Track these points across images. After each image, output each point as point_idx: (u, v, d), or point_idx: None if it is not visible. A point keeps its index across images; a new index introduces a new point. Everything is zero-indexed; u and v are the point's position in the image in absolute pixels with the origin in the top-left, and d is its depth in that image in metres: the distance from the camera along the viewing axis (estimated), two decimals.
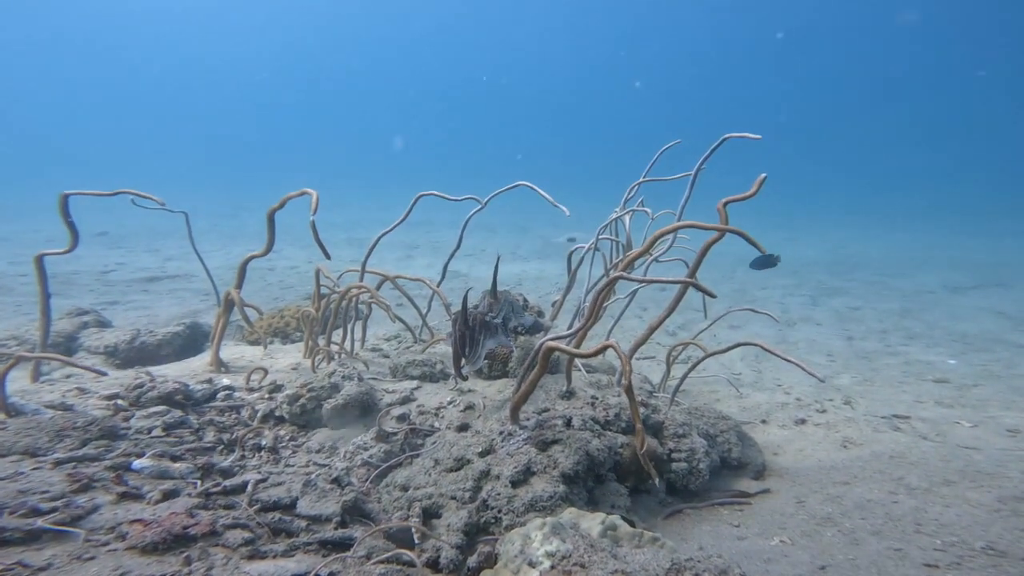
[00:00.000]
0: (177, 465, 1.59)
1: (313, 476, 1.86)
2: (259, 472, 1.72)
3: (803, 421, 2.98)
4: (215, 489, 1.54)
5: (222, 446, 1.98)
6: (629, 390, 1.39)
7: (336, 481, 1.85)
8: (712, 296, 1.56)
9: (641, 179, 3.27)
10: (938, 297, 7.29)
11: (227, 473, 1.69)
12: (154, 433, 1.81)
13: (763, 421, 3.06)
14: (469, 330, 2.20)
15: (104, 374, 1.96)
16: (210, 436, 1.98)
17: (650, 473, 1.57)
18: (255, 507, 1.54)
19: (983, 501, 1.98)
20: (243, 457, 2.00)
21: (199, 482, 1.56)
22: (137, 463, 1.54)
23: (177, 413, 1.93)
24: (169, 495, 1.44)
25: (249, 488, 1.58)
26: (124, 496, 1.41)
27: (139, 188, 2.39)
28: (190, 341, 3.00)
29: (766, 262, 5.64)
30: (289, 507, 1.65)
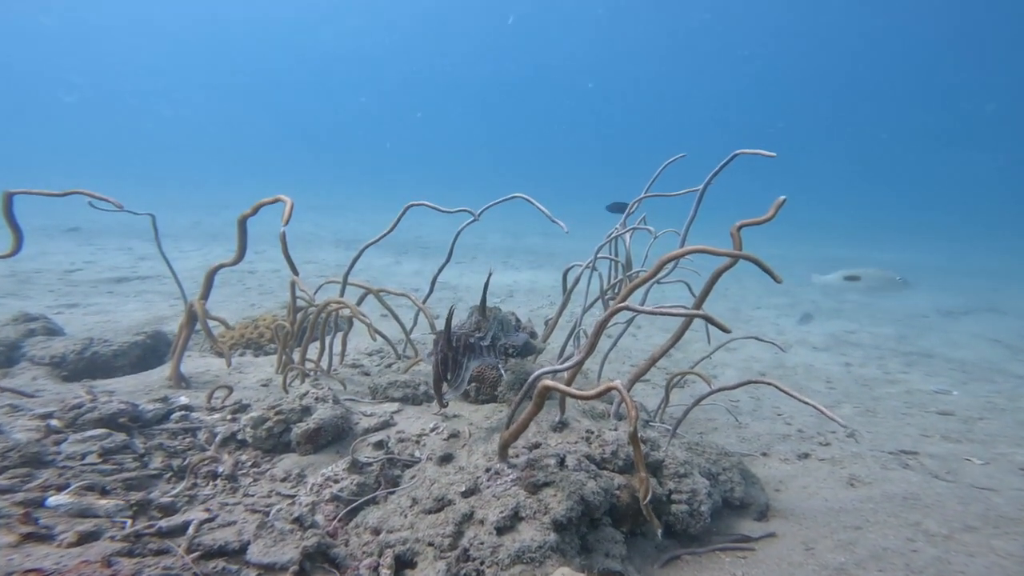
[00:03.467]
0: (104, 502, 1.36)
1: (271, 515, 1.65)
2: (207, 510, 1.50)
3: (806, 455, 2.81)
4: (148, 530, 1.32)
5: (171, 474, 1.76)
6: (634, 438, 1.21)
7: (298, 521, 1.63)
8: (727, 331, 1.39)
9: (643, 195, 3.12)
10: (932, 322, 7.24)
11: (168, 510, 1.47)
12: (88, 460, 1.59)
13: (763, 454, 2.89)
14: (452, 351, 2.00)
15: (27, 395, 1.73)
16: (157, 463, 1.76)
17: (654, 525, 1.38)
18: (195, 553, 1.32)
19: (1011, 551, 1.83)
20: (195, 486, 1.78)
21: (129, 521, 1.34)
22: (53, 499, 1.32)
23: (120, 437, 1.71)
24: (86, 538, 1.22)
25: (190, 530, 1.37)
26: (29, 537, 1.18)
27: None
28: (151, 351, 2.76)
29: (619, 208, 6.23)
30: (238, 552, 1.43)
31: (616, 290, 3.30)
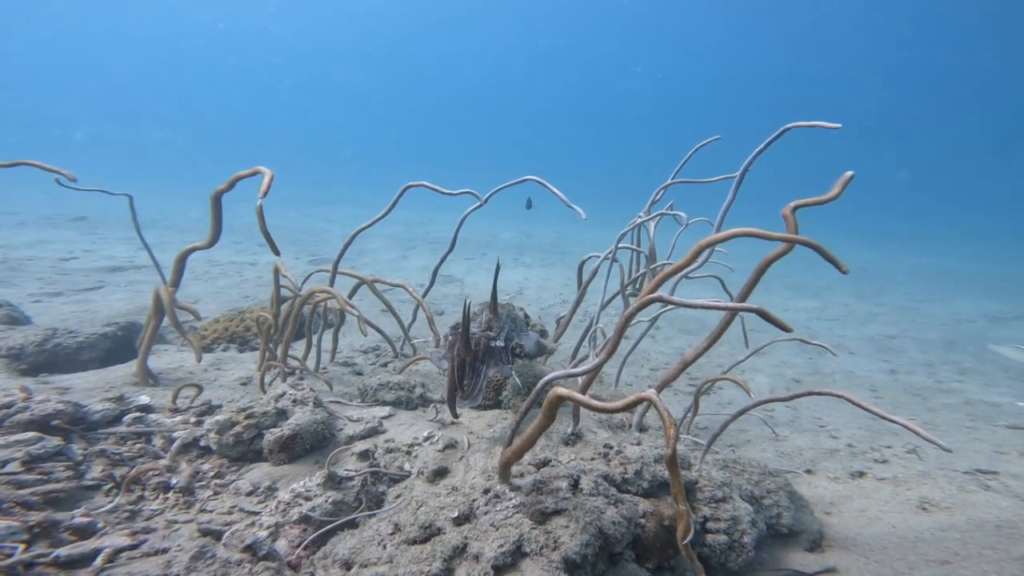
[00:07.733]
0: None
1: (222, 539, 1.36)
2: (134, 533, 1.21)
3: (861, 474, 2.43)
4: (43, 559, 1.04)
5: (111, 485, 1.49)
6: (672, 461, 0.89)
7: (250, 549, 1.34)
8: (788, 330, 1.07)
9: (670, 180, 2.77)
10: (979, 327, 6.69)
11: (84, 533, 1.19)
12: (8, 468, 1.32)
13: (808, 471, 2.52)
14: (471, 356, 1.67)
15: None
16: (96, 472, 1.50)
17: (698, 572, 1.05)
18: None
19: None
20: (140, 499, 1.51)
21: (20, 547, 1.06)
22: None
23: (52, 442, 1.45)
24: None
25: (98, 560, 1.08)
26: None
27: None
28: (123, 344, 2.53)
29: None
30: None
31: (638, 285, 2.96)
